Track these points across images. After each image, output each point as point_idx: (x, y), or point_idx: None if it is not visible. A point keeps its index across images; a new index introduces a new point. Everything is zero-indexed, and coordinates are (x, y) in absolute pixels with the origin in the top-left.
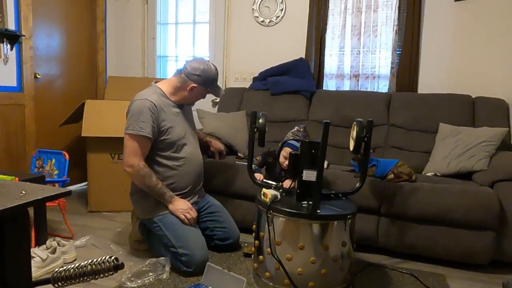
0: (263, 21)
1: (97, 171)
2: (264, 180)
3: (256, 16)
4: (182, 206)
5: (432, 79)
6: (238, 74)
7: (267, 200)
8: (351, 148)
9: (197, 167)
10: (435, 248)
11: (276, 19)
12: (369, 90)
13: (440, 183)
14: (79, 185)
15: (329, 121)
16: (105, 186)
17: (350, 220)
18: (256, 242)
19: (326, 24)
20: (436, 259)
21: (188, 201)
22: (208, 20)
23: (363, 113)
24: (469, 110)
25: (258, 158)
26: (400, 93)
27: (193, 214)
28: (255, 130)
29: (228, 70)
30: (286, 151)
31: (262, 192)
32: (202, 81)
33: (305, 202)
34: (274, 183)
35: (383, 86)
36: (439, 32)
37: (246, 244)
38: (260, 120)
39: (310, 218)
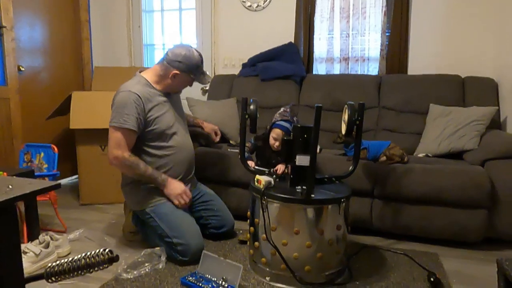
0: (250, 6)
1: (87, 164)
2: (257, 167)
3: (243, 1)
4: (176, 190)
5: (421, 61)
6: (227, 61)
7: (261, 186)
8: (343, 131)
9: (188, 155)
10: (429, 228)
11: (263, 4)
12: (359, 73)
13: (432, 164)
14: (70, 178)
15: (321, 105)
16: (96, 179)
17: (344, 204)
18: (251, 228)
19: (314, 7)
20: (430, 239)
21: None
22: (194, 7)
23: (354, 96)
24: (459, 90)
25: (248, 145)
26: (390, 75)
27: (186, 198)
28: (247, 117)
29: (216, 56)
30: (275, 132)
31: (255, 179)
32: (184, 67)
33: (299, 187)
34: (267, 170)
35: (373, 69)
36: (428, 13)
37: (241, 231)
38: (251, 107)
39: (305, 202)
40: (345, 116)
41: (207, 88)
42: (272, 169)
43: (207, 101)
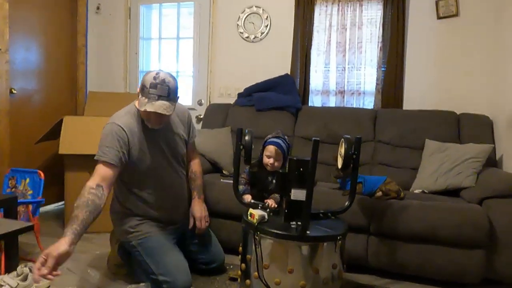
0: (248, 37)
1: (75, 191)
2: (253, 201)
3: (241, 32)
4: (50, 251)
5: (416, 96)
6: (223, 90)
7: (254, 221)
8: (339, 165)
9: (174, 199)
10: (426, 267)
11: (261, 35)
12: (354, 106)
13: (429, 201)
14: (56, 204)
15: (318, 138)
16: None
17: (340, 241)
18: (243, 265)
19: (311, 40)
20: (427, 278)
21: (167, 230)
22: (192, 36)
23: (350, 129)
24: (454, 126)
25: (243, 176)
26: (386, 109)
27: (45, 271)
28: (241, 147)
29: (212, 85)
30: (268, 149)
31: (248, 213)
32: (141, 88)
33: (294, 222)
34: (261, 203)
35: (368, 103)
36: (423, 49)
37: (231, 267)
38: (246, 137)
39: (299, 239)
40: (342, 150)
41: (201, 116)
42: (266, 203)
43: (201, 130)
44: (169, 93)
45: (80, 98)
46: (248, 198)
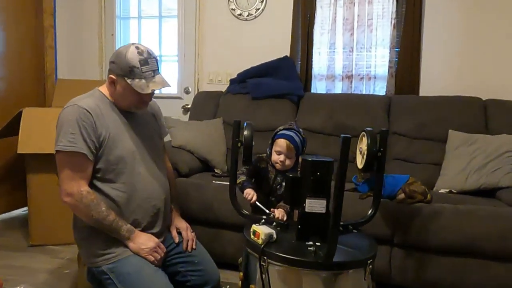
0: (240, 15)
1: (39, 196)
2: (257, 202)
3: (232, 9)
4: (147, 244)
5: (435, 80)
6: (213, 76)
7: (260, 241)
8: (360, 165)
9: (156, 196)
10: (461, 284)
11: (255, 12)
12: (364, 93)
13: (461, 203)
14: (23, 209)
15: (349, 136)
16: (50, 214)
17: (371, 266)
18: None
19: (313, 17)
20: None
21: None
22: (176, 14)
23: (360, 119)
24: (480, 114)
25: (243, 170)
26: (401, 96)
27: (161, 252)
28: (239, 144)
29: (201, 71)
30: (278, 144)
31: (252, 230)
32: (117, 69)
33: (311, 242)
34: (265, 213)
35: (380, 89)
36: (443, 26)
37: (228, 287)
38: (246, 132)
39: (320, 267)
40: (363, 146)
41: (188, 106)
42: (271, 214)
43: (189, 122)
44: (158, 64)
45: (49, 87)
46: (249, 194)
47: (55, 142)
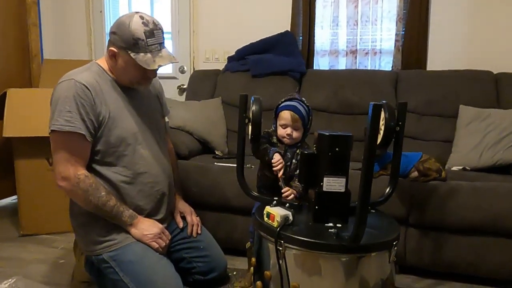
0: None
1: (29, 182)
2: (261, 192)
3: None
4: (151, 230)
5: (443, 54)
6: (209, 54)
7: (275, 224)
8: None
9: (160, 180)
10: (480, 265)
11: None
12: (369, 68)
13: (477, 180)
14: (12, 198)
15: (381, 103)
16: (41, 201)
17: (396, 248)
18: (259, 284)
19: None
20: (481, 278)
21: None
22: None
23: (366, 96)
24: (492, 88)
25: (264, 140)
26: (409, 71)
27: (166, 238)
28: (247, 121)
29: (196, 48)
30: (282, 116)
31: (265, 212)
32: (119, 41)
33: (331, 224)
34: (284, 188)
35: (385, 64)
36: None
37: (235, 273)
38: (254, 107)
39: (347, 250)
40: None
41: (184, 86)
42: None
43: (185, 102)
44: (163, 36)
45: (35, 68)
46: (279, 161)
47: (49, 120)
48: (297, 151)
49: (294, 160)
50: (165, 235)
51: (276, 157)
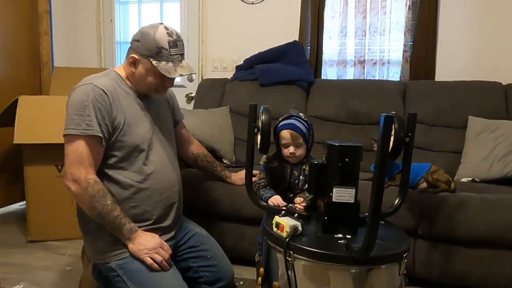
0: None
1: (38, 188)
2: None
3: None
4: (147, 244)
5: (452, 65)
6: (217, 63)
7: (284, 234)
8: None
9: (169, 186)
10: (491, 278)
11: None
12: (377, 78)
13: (487, 192)
14: (20, 204)
15: (392, 114)
16: (50, 208)
17: (406, 260)
18: None
19: (324, 0)
20: None
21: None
22: None
23: (374, 106)
24: (501, 100)
25: (262, 176)
26: (417, 81)
27: (164, 253)
28: (256, 130)
29: (205, 57)
30: (282, 137)
31: (274, 222)
32: (142, 49)
33: (340, 235)
34: (284, 205)
35: (393, 74)
36: (460, 7)
37: (242, 283)
38: (263, 117)
39: (357, 262)
40: None
41: (192, 94)
42: (289, 205)
43: (194, 110)
44: (184, 48)
45: (45, 76)
46: (277, 200)
47: (65, 122)
48: (304, 167)
49: (301, 177)
50: (164, 249)
51: (274, 201)
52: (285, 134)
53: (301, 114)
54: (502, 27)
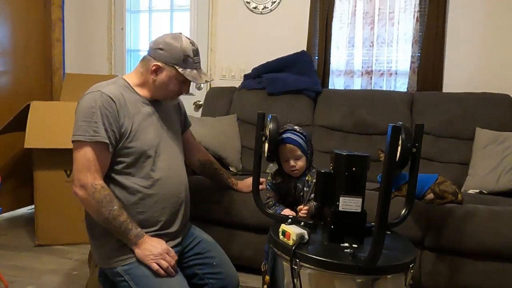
0: (255, 8)
1: (47, 193)
2: (290, 214)
3: (247, 2)
4: (153, 250)
5: (459, 76)
6: (226, 71)
7: (290, 242)
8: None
9: (176, 192)
10: None
11: (271, 5)
12: (384, 89)
13: (495, 204)
14: (29, 208)
15: (399, 124)
16: (58, 212)
17: (413, 271)
18: None
19: (332, 11)
20: None
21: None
22: (188, 7)
23: (382, 116)
24: (509, 112)
25: (270, 194)
26: (425, 92)
27: (170, 259)
28: (264, 138)
29: (213, 66)
30: (281, 153)
31: (281, 230)
32: (167, 56)
33: (346, 244)
34: (291, 215)
35: (401, 85)
36: (468, 19)
37: None
38: (271, 125)
39: (363, 272)
40: None
41: (200, 102)
42: (296, 214)
43: (201, 118)
44: None
45: (56, 82)
46: (287, 213)
47: (74, 129)
48: (307, 178)
49: (305, 188)
50: (170, 255)
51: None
52: (283, 148)
53: (296, 127)
54: (509, 39)
